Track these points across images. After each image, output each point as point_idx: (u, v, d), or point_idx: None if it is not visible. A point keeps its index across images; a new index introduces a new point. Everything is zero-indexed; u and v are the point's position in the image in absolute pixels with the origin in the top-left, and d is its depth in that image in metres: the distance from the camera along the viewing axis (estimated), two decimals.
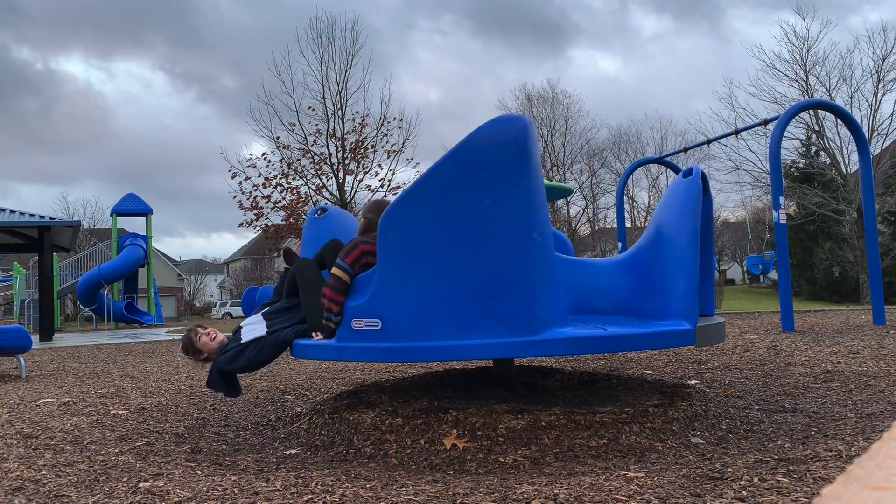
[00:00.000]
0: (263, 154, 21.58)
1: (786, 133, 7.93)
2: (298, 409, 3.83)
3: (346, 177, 21.84)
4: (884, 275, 12.51)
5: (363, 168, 21.98)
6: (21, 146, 75.27)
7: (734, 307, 23.82)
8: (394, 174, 22.20)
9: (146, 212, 22.28)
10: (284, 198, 21.04)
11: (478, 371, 4.03)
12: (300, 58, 27.24)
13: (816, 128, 26.27)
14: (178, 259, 63.29)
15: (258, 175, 21.19)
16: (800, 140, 27.88)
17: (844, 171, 25.82)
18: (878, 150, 25.74)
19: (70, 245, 18.03)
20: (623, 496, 1.90)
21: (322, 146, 21.98)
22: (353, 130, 22.04)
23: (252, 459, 2.71)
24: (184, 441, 3.13)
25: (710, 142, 10.70)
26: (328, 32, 23.05)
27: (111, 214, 22.42)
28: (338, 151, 21.99)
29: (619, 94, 63.87)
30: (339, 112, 22.42)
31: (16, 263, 27.69)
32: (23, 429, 3.41)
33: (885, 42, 31.25)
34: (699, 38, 68.44)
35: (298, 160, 21.56)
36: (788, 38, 31.28)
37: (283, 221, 20.99)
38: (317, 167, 21.76)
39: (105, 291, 21.37)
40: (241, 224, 21.65)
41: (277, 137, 21.91)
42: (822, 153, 27.55)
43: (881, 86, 25.26)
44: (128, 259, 21.04)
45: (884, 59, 25.21)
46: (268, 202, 21.06)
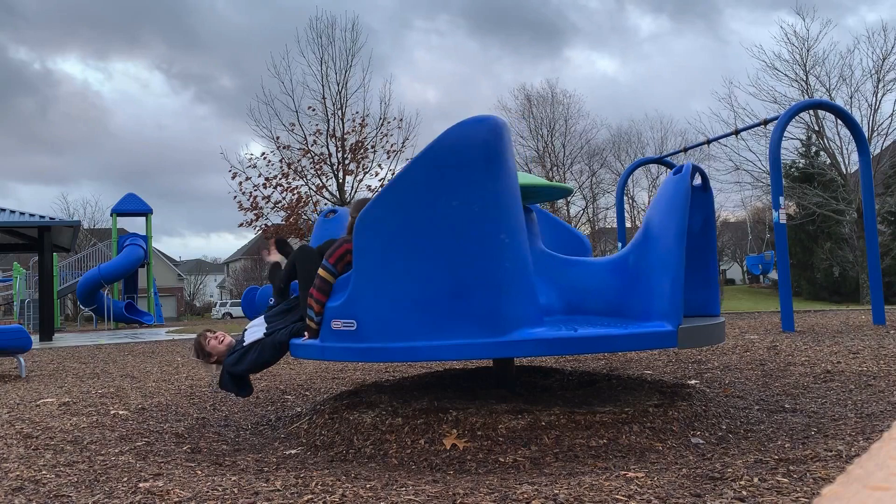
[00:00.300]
0: (263, 154, 21.59)
1: (786, 133, 7.93)
2: (298, 409, 3.83)
3: (346, 177, 21.84)
4: (884, 275, 12.51)
5: (363, 168, 21.97)
6: (19, 146, 75.32)
7: (734, 307, 23.80)
8: (394, 174, 22.11)
9: (146, 212, 22.30)
10: (284, 198, 21.03)
11: (478, 371, 4.03)
12: (300, 58, 27.29)
13: (816, 128, 26.27)
14: (178, 259, 63.31)
15: (258, 175, 21.21)
16: (800, 140, 27.89)
17: (844, 171, 25.82)
18: (878, 150, 25.75)
19: (70, 245, 18.03)
20: (623, 496, 1.90)
21: (322, 146, 21.98)
22: (353, 130, 22.04)
23: (252, 459, 2.71)
24: (184, 441, 3.13)
25: (710, 142, 10.70)
26: (328, 32, 23.08)
27: (111, 214, 22.43)
28: (338, 151, 21.99)
29: (617, 95, 63.88)
30: (339, 112, 22.42)
31: (16, 263, 27.70)
32: (23, 429, 3.41)
33: (885, 42, 31.25)
34: (696, 39, 68.46)
35: (298, 160, 21.56)
36: (788, 39, 31.27)
37: (283, 222, 20.98)
38: (317, 167, 21.76)
39: (105, 291, 21.37)
40: (241, 224, 21.65)
41: (277, 137, 21.92)
42: (822, 153, 27.56)
43: (881, 86, 25.27)
44: (128, 259, 21.04)
45: (884, 60, 25.23)
46: (268, 202, 21.06)
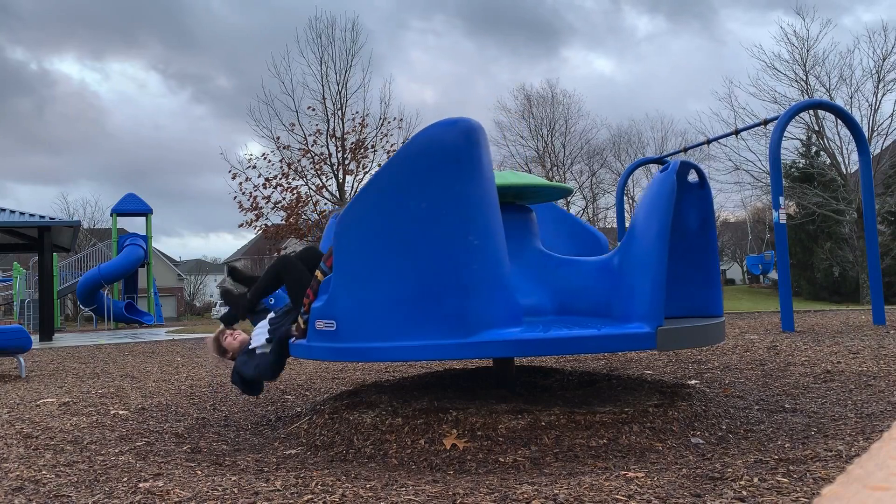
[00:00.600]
0: (264, 154, 21.59)
1: (786, 133, 7.93)
2: (298, 409, 3.83)
3: (346, 177, 21.84)
4: (884, 275, 12.50)
5: (363, 168, 21.97)
6: (17, 146, 75.29)
7: (734, 307, 23.79)
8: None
9: (146, 212, 22.29)
10: (284, 198, 21.03)
11: (478, 371, 4.03)
12: (300, 58, 27.30)
13: (816, 128, 26.28)
14: (178, 259, 63.33)
15: (258, 175, 21.21)
16: (800, 140, 27.90)
17: (844, 171, 25.83)
18: (878, 150, 25.76)
19: (70, 245, 18.03)
20: (623, 496, 1.90)
21: (322, 146, 21.98)
22: (353, 130, 22.04)
23: (252, 459, 2.71)
24: (184, 441, 3.13)
25: (710, 142, 10.70)
26: (328, 32, 23.09)
27: (111, 214, 22.42)
28: (338, 151, 21.98)
29: (615, 95, 63.87)
30: (339, 112, 22.42)
31: (16, 263, 27.69)
32: (23, 429, 3.41)
33: (886, 42, 31.25)
34: (692, 39, 68.45)
35: (298, 160, 21.57)
36: (788, 39, 31.26)
37: (283, 222, 20.98)
38: (317, 167, 21.77)
39: (105, 291, 21.37)
40: (242, 224, 21.67)
41: (278, 138, 21.92)
42: (822, 153, 27.56)
43: (881, 86, 25.30)
44: (128, 259, 21.04)
45: (884, 60, 25.25)
46: (268, 202, 21.07)
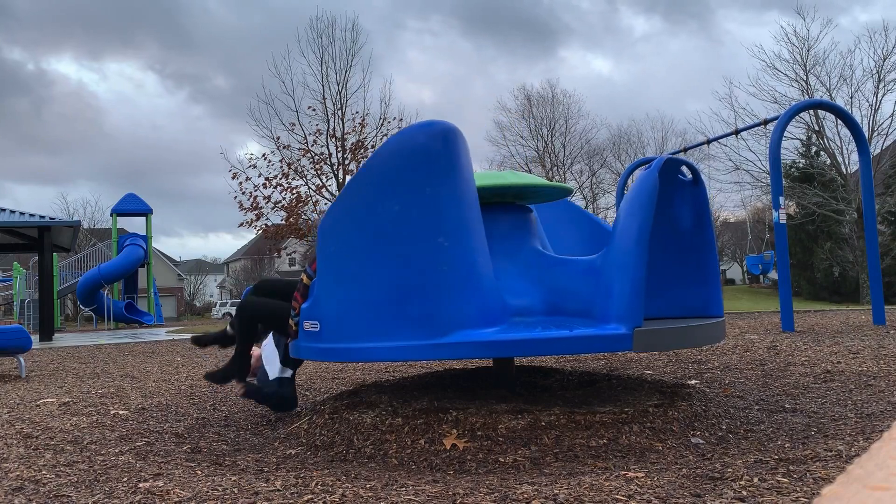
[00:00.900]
0: (264, 154, 21.60)
1: (786, 133, 7.93)
2: (298, 409, 3.83)
3: (346, 177, 21.84)
4: (884, 275, 12.50)
5: None
6: (14, 147, 75.38)
7: (734, 307, 23.80)
8: None
9: (146, 212, 22.30)
10: (284, 198, 21.04)
11: (478, 371, 4.03)
12: (300, 58, 27.32)
13: (816, 128, 26.29)
14: (178, 259, 63.34)
15: (258, 175, 21.22)
16: (800, 140, 27.92)
17: (844, 171, 25.84)
18: (878, 150, 25.77)
19: (70, 245, 18.04)
20: (623, 496, 1.90)
21: (322, 146, 21.99)
22: (353, 130, 22.05)
23: (252, 459, 2.71)
24: (184, 441, 3.13)
25: (710, 142, 10.71)
26: (328, 32, 23.12)
27: (111, 214, 22.44)
28: (338, 151, 22.00)
29: (613, 95, 63.96)
30: (339, 112, 22.44)
31: (16, 263, 27.71)
32: (23, 429, 3.41)
33: (886, 42, 31.27)
34: (689, 39, 68.55)
35: (298, 160, 21.58)
36: (788, 38, 31.28)
37: (283, 221, 21.00)
38: (317, 167, 21.77)
39: (105, 291, 21.37)
40: (242, 224, 21.68)
41: (278, 137, 21.94)
42: (822, 153, 27.57)
43: (881, 86, 25.32)
44: (128, 259, 21.05)
45: (884, 60, 25.28)
46: (268, 202, 21.07)
